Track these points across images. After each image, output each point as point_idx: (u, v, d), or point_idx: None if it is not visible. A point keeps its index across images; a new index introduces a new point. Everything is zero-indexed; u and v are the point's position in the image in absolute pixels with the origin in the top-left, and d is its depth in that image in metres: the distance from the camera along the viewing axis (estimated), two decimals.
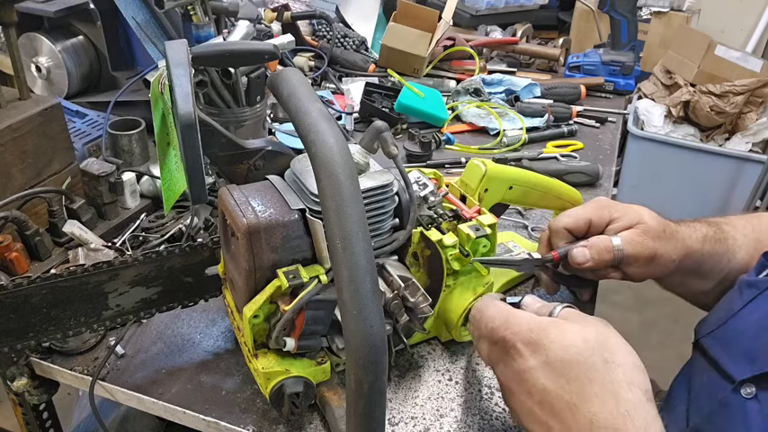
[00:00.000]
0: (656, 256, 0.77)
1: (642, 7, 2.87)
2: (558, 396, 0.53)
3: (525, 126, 1.45)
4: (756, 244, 0.81)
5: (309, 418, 0.73)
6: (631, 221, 0.78)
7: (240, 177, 0.77)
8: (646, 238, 0.77)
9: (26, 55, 1.30)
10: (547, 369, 0.54)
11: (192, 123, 0.63)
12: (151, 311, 0.78)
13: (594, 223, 0.80)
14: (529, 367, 0.55)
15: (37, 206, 0.95)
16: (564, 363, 0.53)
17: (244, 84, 1.01)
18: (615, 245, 0.77)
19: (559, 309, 0.59)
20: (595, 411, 0.51)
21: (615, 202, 0.81)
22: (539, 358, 0.54)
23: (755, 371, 0.65)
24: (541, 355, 0.54)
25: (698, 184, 2.59)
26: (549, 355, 0.54)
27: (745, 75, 2.50)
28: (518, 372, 0.56)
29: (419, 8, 1.72)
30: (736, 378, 0.67)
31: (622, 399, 0.51)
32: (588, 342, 0.54)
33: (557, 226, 0.82)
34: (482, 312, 0.62)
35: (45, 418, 0.94)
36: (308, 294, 0.65)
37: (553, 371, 0.53)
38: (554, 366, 0.53)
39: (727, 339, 0.72)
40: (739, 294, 0.75)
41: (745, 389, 0.66)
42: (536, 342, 0.55)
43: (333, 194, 0.46)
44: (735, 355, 0.69)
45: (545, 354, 0.54)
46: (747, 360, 0.67)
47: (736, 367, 0.68)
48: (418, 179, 0.81)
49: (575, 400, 0.52)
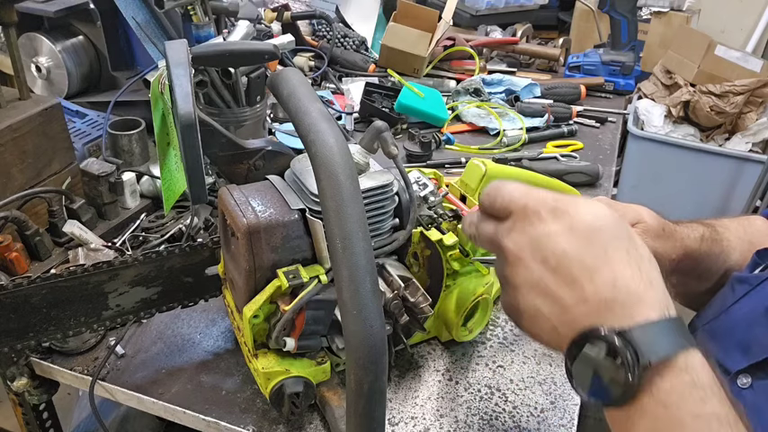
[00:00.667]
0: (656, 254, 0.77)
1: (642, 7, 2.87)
2: (579, 260, 0.49)
3: (525, 126, 1.45)
4: (750, 246, 0.82)
5: (309, 418, 0.73)
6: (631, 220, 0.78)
7: (240, 177, 0.77)
8: (645, 237, 0.77)
9: (26, 55, 1.30)
10: (569, 233, 0.50)
11: (191, 123, 0.63)
12: (151, 311, 0.78)
13: None
14: (550, 231, 0.50)
15: (37, 206, 0.95)
16: (589, 228, 0.50)
17: (244, 84, 1.01)
18: None
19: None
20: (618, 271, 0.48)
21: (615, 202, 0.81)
22: (563, 222, 0.50)
23: (750, 360, 0.66)
24: (566, 219, 0.50)
25: (698, 184, 2.59)
26: (575, 220, 0.50)
27: (745, 75, 2.50)
28: (536, 237, 0.51)
29: (419, 8, 1.72)
30: (731, 369, 0.67)
31: (645, 269, 0.49)
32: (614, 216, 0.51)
33: None
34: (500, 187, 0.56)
35: (45, 418, 0.94)
36: (308, 294, 0.65)
37: (576, 235, 0.50)
38: (578, 231, 0.50)
39: (721, 333, 0.73)
40: (731, 290, 0.75)
41: (741, 379, 0.66)
42: (562, 209, 0.51)
43: (333, 194, 0.46)
44: (729, 348, 0.70)
45: (570, 219, 0.50)
46: (741, 351, 0.67)
47: (731, 359, 0.68)
48: (418, 179, 0.81)
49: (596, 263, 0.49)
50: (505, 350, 0.86)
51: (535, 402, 0.78)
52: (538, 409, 0.77)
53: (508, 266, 0.54)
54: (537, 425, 0.75)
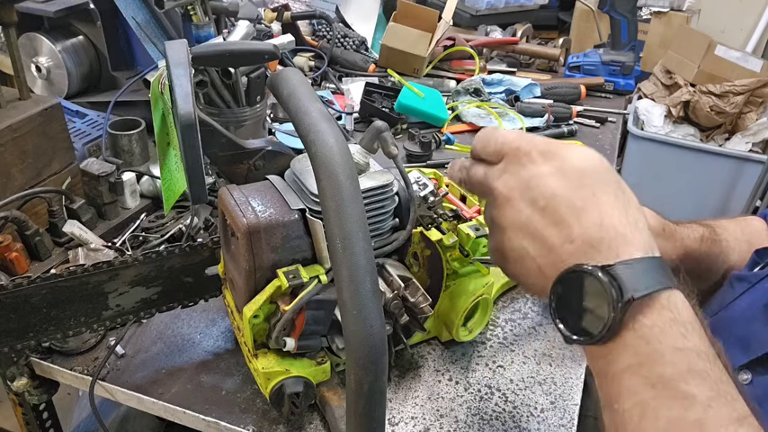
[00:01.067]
0: None
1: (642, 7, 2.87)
2: (568, 200, 0.50)
3: (525, 126, 1.45)
4: (748, 246, 0.82)
5: (309, 418, 0.73)
6: None
7: (240, 177, 0.77)
8: None
9: (26, 55, 1.30)
10: (559, 174, 0.51)
11: (192, 123, 0.63)
12: (151, 311, 0.78)
13: None
14: (540, 172, 0.51)
15: (37, 206, 0.95)
16: (579, 170, 0.50)
17: (244, 84, 1.01)
18: None
19: None
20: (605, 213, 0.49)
21: None
22: (554, 164, 0.51)
23: (750, 356, 0.66)
24: (557, 162, 0.51)
25: (698, 184, 2.59)
26: (566, 162, 0.51)
27: (745, 75, 2.50)
28: (526, 178, 0.52)
29: (419, 8, 1.72)
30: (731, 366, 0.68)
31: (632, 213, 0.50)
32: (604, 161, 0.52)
33: None
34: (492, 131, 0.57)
35: (45, 418, 0.94)
36: (308, 294, 0.65)
37: (566, 176, 0.50)
38: (568, 173, 0.51)
39: (720, 329, 0.73)
40: (731, 288, 0.76)
41: (741, 375, 0.66)
42: (553, 151, 0.52)
43: (333, 194, 0.46)
44: (728, 345, 0.69)
45: (561, 161, 0.51)
46: (741, 347, 0.67)
47: (731, 355, 0.68)
48: (418, 179, 0.81)
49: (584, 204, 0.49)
50: (505, 350, 0.86)
51: (535, 402, 0.78)
52: (538, 410, 0.77)
53: (497, 208, 0.54)
54: (537, 425, 0.75)
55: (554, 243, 0.50)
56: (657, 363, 0.45)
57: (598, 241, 0.48)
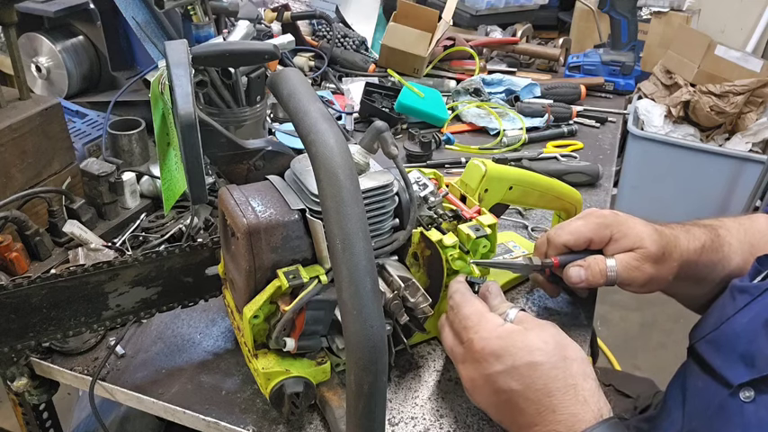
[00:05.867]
0: (653, 279, 0.77)
1: (642, 7, 2.88)
2: (524, 395, 0.60)
3: (525, 126, 1.45)
4: (750, 248, 0.82)
5: (309, 418, 0.73)
6: (632, 245, 0.78)
7: (240, 177, 0.77)
8: (643, 263, 0.77)
9: (26, 55, 1.30)
10: (513, 372, 0.61)
11: (192, 123, 0.63)
12: (151, 311, 0.78)
13: (594, 242, 0.80)
14: (496, 371, 0.62)
15: (37, 206, 0.95)
16: (529, 365, 0.60)
17: (244, 84, 1.01)
18: (609, 266, 0.77)
19: (513, 314, 0.66)
20: (558, 402, 0.59)
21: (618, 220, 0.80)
22: (506, 363, 0.61)
23: (754, 374, 0.65)
24: (508, 360, 0.61)
25: (698, 184, 2.59)
26: (516, 360, 0.61)
27: (745, 75, 2.50)
28: (485, 375, 0.63)
29: (419, 8, 1.72)
30: (733, 382, 0.67)
31: (580, 389, 0.60)
32: (548, 344, 0.62)
33: (557, 242, 0.81)
34: (459, 308, 0.68)
35: (45, 418, 0.94)
36: (308, 294, 0.65)
37: (520, 374, 0.61)
38: (520, 370, 0.61)
39: (722, 344, 0.72)
40: (732, 299, 0.75)
41: (743, 392, 0.66)
42: (504, 349, 0.62)
43: (333, 194, 0.46)
44: (731, 360, 0.69)
45: (512, 359, 0.61)
46: (744, 364, 0.67)
47: (733, 371, 0.68)
48: (418, 179, 0.81)
49: (539, 396, 0.60)
50: None
51: None
52: None
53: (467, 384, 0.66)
54: None
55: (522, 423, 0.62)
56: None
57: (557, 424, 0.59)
